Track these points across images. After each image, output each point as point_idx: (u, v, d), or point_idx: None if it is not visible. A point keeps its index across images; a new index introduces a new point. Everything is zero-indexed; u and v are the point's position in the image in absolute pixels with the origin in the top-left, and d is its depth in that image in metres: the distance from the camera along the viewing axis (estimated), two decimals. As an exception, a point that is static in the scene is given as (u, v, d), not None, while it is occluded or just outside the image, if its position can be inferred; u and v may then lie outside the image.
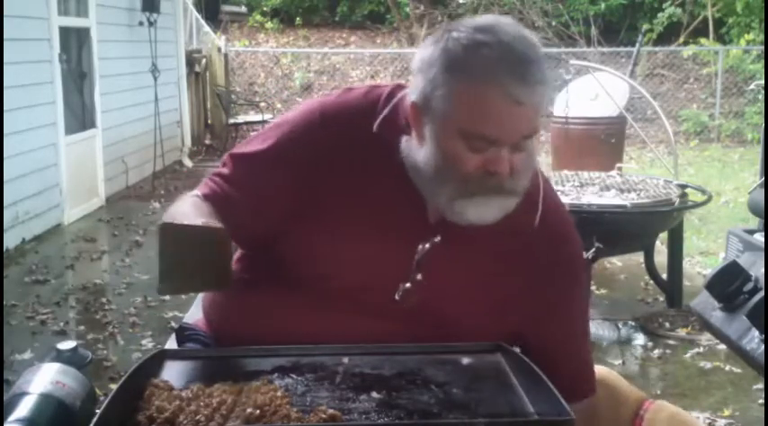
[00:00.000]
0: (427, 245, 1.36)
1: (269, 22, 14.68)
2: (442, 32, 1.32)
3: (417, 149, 1.34)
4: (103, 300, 4.74)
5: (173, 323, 4.14)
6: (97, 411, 1.08)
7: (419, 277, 1.37)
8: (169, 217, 1.29)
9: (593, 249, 3.78)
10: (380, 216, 1.39)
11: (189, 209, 1.34)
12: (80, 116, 7.23)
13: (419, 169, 1.34)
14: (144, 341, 4.08)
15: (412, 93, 1.33)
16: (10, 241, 5.71)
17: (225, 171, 1.46)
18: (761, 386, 3.29)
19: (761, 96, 11.22)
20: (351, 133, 1.41)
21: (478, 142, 1.28)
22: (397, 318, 1.38)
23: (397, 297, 1.37)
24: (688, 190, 4.12)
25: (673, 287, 4.35)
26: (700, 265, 5.38)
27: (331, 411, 1.09)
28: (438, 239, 1.36)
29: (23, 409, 1.10)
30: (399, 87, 1.44)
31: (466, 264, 1.40)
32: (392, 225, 1.39)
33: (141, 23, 8.20)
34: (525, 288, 1.43)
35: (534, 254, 1.43)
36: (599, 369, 1.55)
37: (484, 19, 1.33)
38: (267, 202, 1.42)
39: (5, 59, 5.49)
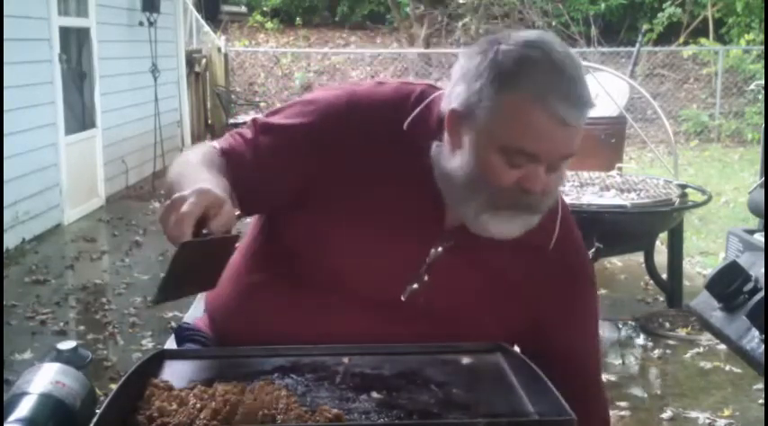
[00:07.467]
0: (440, 249, 1.37)
1: (269, 22, 14.70)
2: (489, 43, 1.30)
3: (450, 156, 1.32)
4: (103, 300, 4.75)
5: (173, 323, 4.14)
6: (97, 411, 1.08)
7: (426, 278, 1.38)
8: (176, 176, 1.29)
9: (593, 249, 3.78)
10: (397, 214, 1.38)
11: (199, 172, 1.29)
12: (80, 116, 7.23)
13: (449, 176, 1.33)
14: (144, 341, 4.08)
15: (453, 100, 1.31)
16: (10, 241, 5.71)
17: (248, 133, 1.43)
18: (761, 386, 3.29)
19: (761, 96, 11.22)
20: (378, 126, 1.39)
21: (518, 158, 1.26)
22: (402, 318, 1.38)
23: (403, 298, 1.38)
24: (688, 191, 4.12)
25: (673, 287, 4.35)
26: (700, 265, 5.38)
27: (335, 410, 1.09)
28: (452, 243, 1.37)
29: (23, 409, 1.10)
30: (431, 88, 1.43)
31: (475, 272, 1.40)
32: (407, 224, 1.38)
33: (141, 23, 8.20)
34: (534, 297, 1.43)
35: (545, 268, 1.43)
36: None
37: (531, 33, 1.31)
38: (281, 176, 1.40)
39: (5, 59, 5.49)
